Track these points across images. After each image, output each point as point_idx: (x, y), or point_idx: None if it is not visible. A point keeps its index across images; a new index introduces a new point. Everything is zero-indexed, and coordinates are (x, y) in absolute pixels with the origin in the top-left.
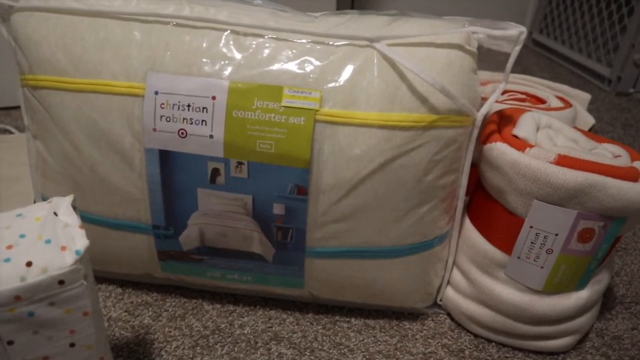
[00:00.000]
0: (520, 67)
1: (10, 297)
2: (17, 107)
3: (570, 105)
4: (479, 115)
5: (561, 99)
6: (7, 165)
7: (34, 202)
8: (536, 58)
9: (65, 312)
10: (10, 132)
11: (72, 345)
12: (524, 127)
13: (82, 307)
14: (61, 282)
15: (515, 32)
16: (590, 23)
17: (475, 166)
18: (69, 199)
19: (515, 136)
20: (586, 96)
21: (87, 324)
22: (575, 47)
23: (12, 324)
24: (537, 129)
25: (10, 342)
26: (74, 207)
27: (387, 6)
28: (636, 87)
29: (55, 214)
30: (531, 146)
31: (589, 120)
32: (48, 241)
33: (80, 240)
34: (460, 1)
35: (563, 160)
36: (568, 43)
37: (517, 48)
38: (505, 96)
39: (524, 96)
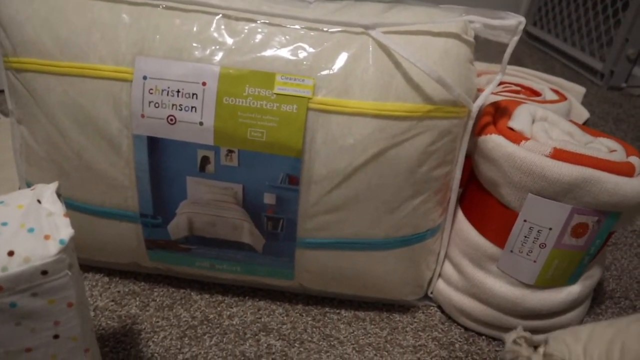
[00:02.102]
0: (514, 59)
1: None
2: (2, 92)
3: (565, 99)
4: (475, 107)
5: (556, 91)
6: None
7: (19, 188)
8: (530, 50)
9: (49, 303)
10: None
11: (56, 336)
12: (519, 120)
13: (67, 298)
14: (44, 273)
15: (514, 22)
16: (584, 16)
17: (469, 158)
18: (53, 186)
19: (511, 128)
20: (581, 89)
21: (71, 315)
22: (569, 41)
23: None
24: (533, 122)
25: None
26: (59, 195)
27: None
28: (629, 81)
29: (39, 201)
30: (527, 139)
31: (583, 114)
32: (31, 230)
33: (64, 230)
34: None
35: (559, 154)
36: (562, 36)
37: (515, 38)
38: (500, 88)
39: (518, 88)
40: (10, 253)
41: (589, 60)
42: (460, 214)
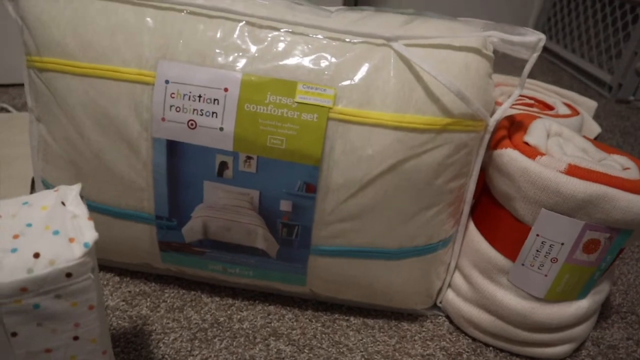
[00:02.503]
0: (522, 70)
1: (17, 288)
2: (15, 85)
3: (578, 113)
4: (492, 121)
5: (568, 106)
6: (4, 144)
7: (32, 184)
8: (538, 61)
9: (71, 305)
10: (8, 111)
11: (76, 338)
12: (535, 134)
13: (88, 300)
14: (69, 275)
15: (534, 38)
16: (594, 28)
17: (482, 171)
18: (76, 188)
19: (527, 143)
20: (593, 104)
21: (92, 318)
22: (578, 52)
23: (17, 316)
24: (548, 137)
25: (14, 334)
26: (81, 197)
27: (390, 4)
28: (636, 95)
29: (63, 203)
30: (542, 154)
31: (595, 129)
32: (56, 232)
33: (88, 233)
34: (464, 4)
35: (574, 171)
36: (571, 47)
37: (535, 55)
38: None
39: (532, 101)
40: (36, 255)
41: (597, 73)
42: (472, 226)
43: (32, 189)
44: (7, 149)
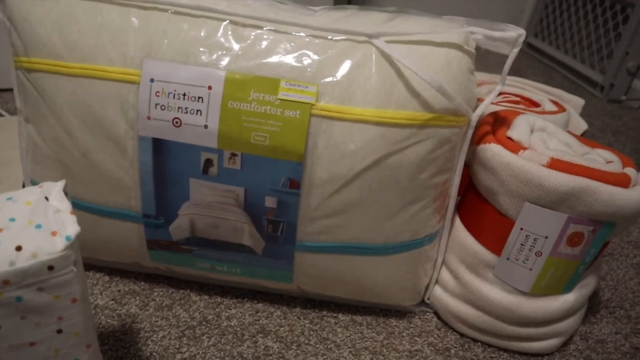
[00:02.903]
0: (514, 70)
1: None
2: (7, 90)
3: (564, 110)
4: (475, 116)
5: (555, 103)
6: None
7: (23, 186)
8: (530, 61)
9: (54, 298)
10: (1, 115)
11: (59, 331)
12: (518, 130)
13: (71, 293)
14: (51, 268)
15: (514, 34)
16: (585, 29)
17: (467, 166)
18: (60, 184)
19: (510, 138)
20: (580, 101)
21: (75, 311)
22: (570, 53)
23: (0, 309)
24: (532, 132)
25: None
26: (65, 193)
27: (383, 3)
28: (628, 94)
29: (47, 198)
30: (525, 149)
31: (581, 125)
32: (39, 226)
33: (71, 226)
34: (455, 3)
35: (556, 164)
36: (563, 48)
37: (515, 50)
38: (500, 98)
39: (518, 99)
40: (18, 248)
41: (589, 73)
42: (457, 221)
43: None
44: (0, 152)
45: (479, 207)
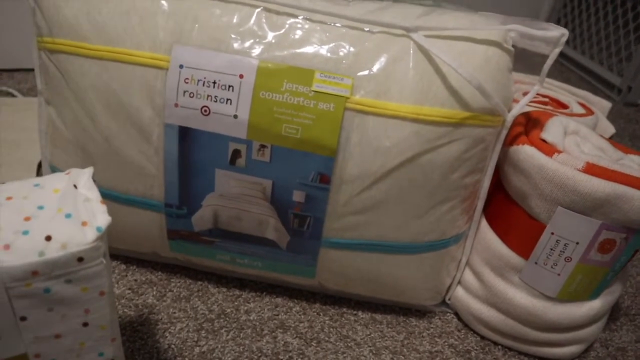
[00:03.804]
0: (534, 71)
1: (28, 271)
2: (21, 70)
3: (592, 113)
4: (510, 117)
5: (583, 105)
6: (10, 129)
7: (37, 169)
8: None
9: (82, 290)
10: (13, 95)
11: (85, 324)
12: (552, 132)
13: (99, 286)
14: (80, 259)
15: (556, 33)
16: (604, 30)
17: (495, 167)
18: (89, 171)
19: (544, 140)
20: (607, 104)
21: (102, 304)
22: (587, 54)
23: (27, 300)
24: (565, 135)
25: (23, 318)
26: (94, 181)
27: None
28: None
29: (75, 186)
30: (560, 152)
31: (609, 129)
32: (68, 215)
33: (101, 216)
34: (474, 3)
35: (591, 169)
36: (580, 49)
37: (557, 50)
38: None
39: (546, 99)
40: (48, 238)
41: (606, 75)
42: (484, 223)
43: (38, 174)
44: (13, 134)
45: (508, 210)
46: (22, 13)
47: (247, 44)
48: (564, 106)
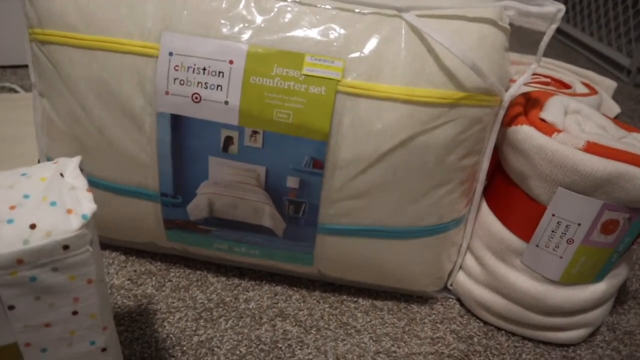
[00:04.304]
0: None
1: (12, 260)
2: (23, 66)
3: (596, 92)
4: (507, 96)
5: (586, 85)
6: (12, 124)
7: (38, 162)
8: (552, 43)
9: (69, 278)
10: (16, 91)
11: (75, 313)
12: (551, 111)
13: (87, 274)
14: (66, 247)
15: (552, 9)
16: (612, 11)
17: (495, 149)
18: (76, 160)
19: (543, 120)
20: (612, 84)
21: (91, 292)
22: (595, 35)
23: (14, 288)
24: (565, 114)
25: (11, 307)
26: (81, 169)
27: None
28: None
29: (62, 175)
30: (559, 131)
31: (614, 108)
32: (53, 203)
33: (87, 204)
34: None
35: (592, 148)
36: (588, 30)
37: (554, 26)
38: (530, 79)
39: (548, 80)
40: (33, 226)
41: (615, 56)
42: (484, 206)
43: None
44: (15, 129)
45: (508, 192)
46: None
47: (236, 29)
48: (567, 86)
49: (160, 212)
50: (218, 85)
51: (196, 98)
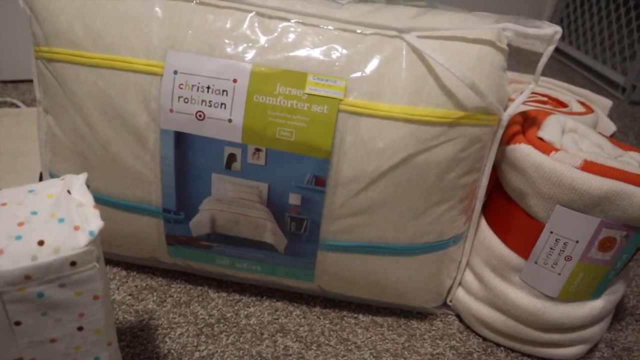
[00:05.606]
0: (533, 69)
1: (20, 276)
2: (25, 81)
3: (592, 111)
4: (506, 115)
5: (583, 103)
6: (14, 139)
7: (40, 177)
8: (549, 62)
9: (76, 294)
10: (17, 106)
11: (80, 328)
12: (549, 130)
13: (93, 290)
14: (73, 264)
15: (550, 31)
16: (607, 29)
17: (494, 167)
18: (82, 177)
19: (541, 139)
20: (607, 102)
21: (97, 308)
22: (591, 53)
23: (21, 304)
24: (562, 133)
25: (17, 323)
26: (87, 186)
27: None
28: None
29: (69, 191)
30: (557, 150)
31: (610, 127)
32: (61, 220)
33: (94, 221)
34: (475, 4)
35: (589, 166)
36: (583, 48)
37: (551, 48)
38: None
39: (545, 99)
40: (41, 242)
41: (610, 74)
42: (483, 223)
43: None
44: (17, 143)
45: (507, 209)
46: (26, 24)
47: (240, 49)
48: (564, 105)
49: (162, 227)
50: (222, 104)
51: (200, 116)
